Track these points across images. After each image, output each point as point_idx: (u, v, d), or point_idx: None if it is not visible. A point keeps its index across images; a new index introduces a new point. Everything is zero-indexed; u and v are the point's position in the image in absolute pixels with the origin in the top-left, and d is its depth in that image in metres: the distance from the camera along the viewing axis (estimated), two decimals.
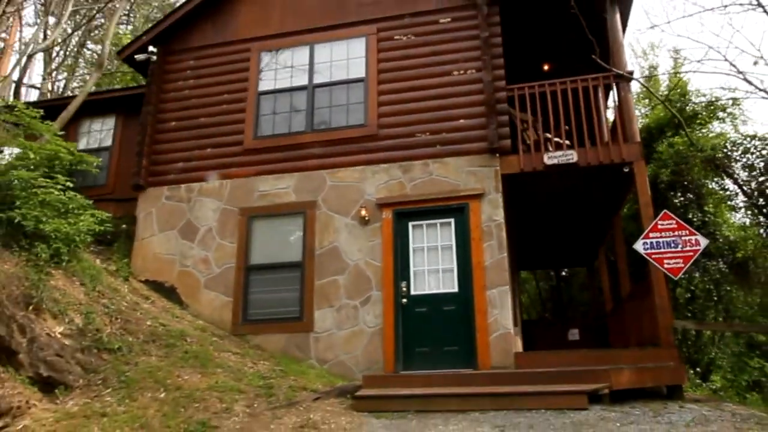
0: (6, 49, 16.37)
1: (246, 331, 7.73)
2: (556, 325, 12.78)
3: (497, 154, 7.68)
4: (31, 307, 5.55)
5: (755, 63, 8.02)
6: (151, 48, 9.35)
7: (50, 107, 9.85)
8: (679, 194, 11.05)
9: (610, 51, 7.97)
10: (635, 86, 14.03)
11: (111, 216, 7.79)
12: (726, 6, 9.16)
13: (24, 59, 13.78)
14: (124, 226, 8.98)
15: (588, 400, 5.37)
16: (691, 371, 11.09)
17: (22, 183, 6.08)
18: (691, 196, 11.11)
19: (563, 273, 15.94)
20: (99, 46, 18.34)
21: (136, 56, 9.42)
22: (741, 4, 8.17)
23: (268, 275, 8.04)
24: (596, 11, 8.04)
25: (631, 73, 7.81)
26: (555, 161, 7.41)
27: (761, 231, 9.46)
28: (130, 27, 19.10)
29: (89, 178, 9.57)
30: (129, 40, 18.33)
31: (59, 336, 5.61)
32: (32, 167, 6.33)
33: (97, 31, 17.91)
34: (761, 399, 10.30)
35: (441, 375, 6.35)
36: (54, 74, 18.29)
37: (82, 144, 10.74)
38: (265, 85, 8.96)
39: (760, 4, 8.27)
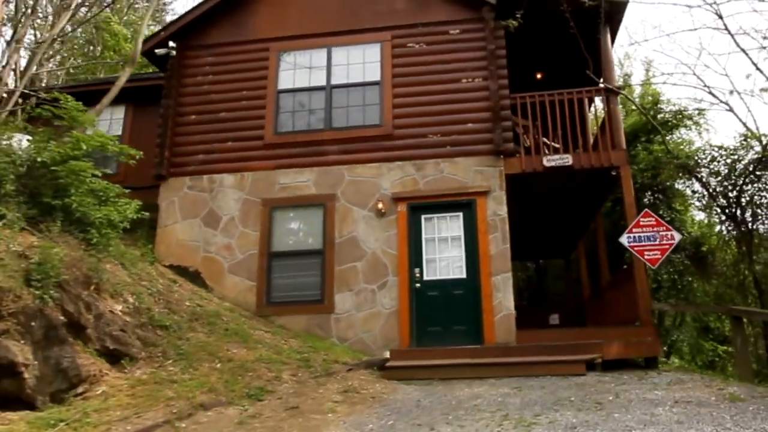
0: None
1: (270, 313, 8.41)
2: (537, 310, 13.86)
3: (501, 156, 8.58)
4: (92, 287, 6.09)
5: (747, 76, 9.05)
6: (171, 43, 9.80)
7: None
8: (649, 194, 12.27)
9: (601, 67, 8.94)
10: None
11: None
12: (696, 29, 10.20)
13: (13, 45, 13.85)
14: (146, 213, 9.46)
15: (585, 368, 6.34)
16: None
17: (73, 173, 6.56)
18: (661, 196, 12.35)
19: (539, 264, 17.08)
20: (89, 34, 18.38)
21: (156, 51, 9.85)
22: (709, 27, 9.26)
23: (289, 261, 8.73)
24: (590, 31, 8.97)
25: (620, 88, 8.83)
26: (553, 164, 8.36)
27: (722, 228, 10.68)
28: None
29: (99, 166, 9.99)
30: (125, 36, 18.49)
31: (120, 313, 6.19)
32: (83, 158, 6.81)
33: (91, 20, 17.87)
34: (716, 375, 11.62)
35: (458, 349, 7.24)
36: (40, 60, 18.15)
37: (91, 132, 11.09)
38: (283, 84, 9.57)
39: (726, 27, 9.40)
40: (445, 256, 8.38)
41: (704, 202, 10.85)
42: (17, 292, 5.25)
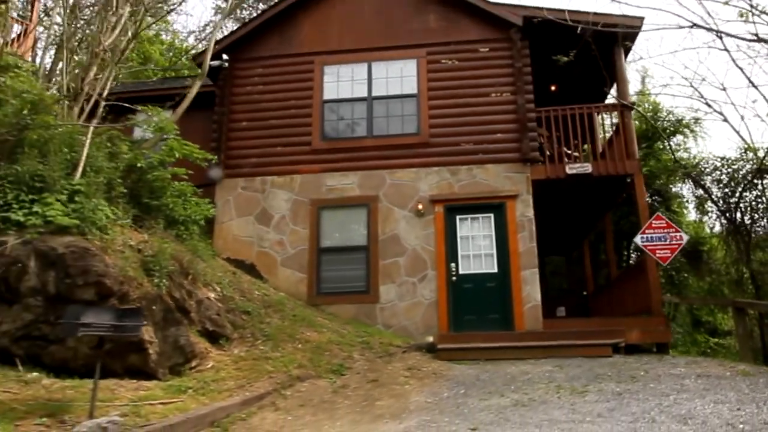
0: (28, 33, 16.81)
1: (320, 302, 9.35)
2: (544, 304, 14.93)
3: (528, 163, 9.61)
4: (190, 277, 7.01)
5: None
6: (224, 56, 10.65)
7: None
8: (647, 196, 13.43)
9: (617, 84, 10.01)
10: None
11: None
12: (696, 48, 11.35)
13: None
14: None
15: (612, 351, 7.41)
16: None
17: (166, 178, 7.46)
18: (659, 198, 13.53)
19: (543, 261, 18.21)
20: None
21: (210, 62, 10.67)
22: (709, 46, 10.38)
23: (337, 256, 9.69)
24: (606, 52, 10.01)
25: (633, 104, 9.89)
26: (574, 171, 9.42)
27: (722, 230, 11.87)
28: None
29: None
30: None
31: (213, 300, 7.11)
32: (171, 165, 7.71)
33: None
34: None
35: (498, 334, 8.29)
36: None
37: (138, 133, 11.91)
38: (328, 95, 10.48)
39: (719, 35, 10.50)
40: (477, 252, 9.40)
41: (705, 206, 12.02)
42: (139, 281, 6.17)
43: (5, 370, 5.57)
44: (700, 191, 11.67)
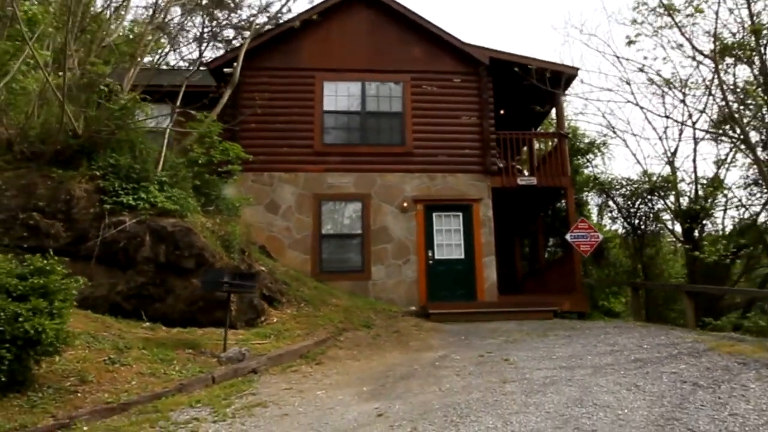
0: None
1: (322, 279, 11.40)
2: None
3: (489, 175, 12.26)
4: (246, 254, 8.87)
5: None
6: (235, 64, 12.27)
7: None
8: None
9: (556, 117, 12.95)
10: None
11: None
12: (610, 91, 14.63)
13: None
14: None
15: (553, 315, 10.24)
16: None
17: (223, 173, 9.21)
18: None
19: None
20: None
21: (224, 69, 12.27)
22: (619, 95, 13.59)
23: (336, 241, 11.78)
24: (549, 89, 12.88)
25: (568, 134, 12.88)
26: (524, 182, 12.22)
27: (623, 231, 15.37)
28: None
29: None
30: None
31: (265, 271, 9.01)
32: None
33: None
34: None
35: (471, 303, 10.87)
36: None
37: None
38: (327, 106, 12.49)
39: (632, 93, 13.80)
40: (449, 242, 11.92)
41: (612, 213, 15.49)
42: (221, 254, 8.00)
43: (121, 320, 7.21)
44: (610, 202, 15.08)
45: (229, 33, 25.65)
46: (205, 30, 25.31)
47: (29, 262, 4.51)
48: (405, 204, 11.95)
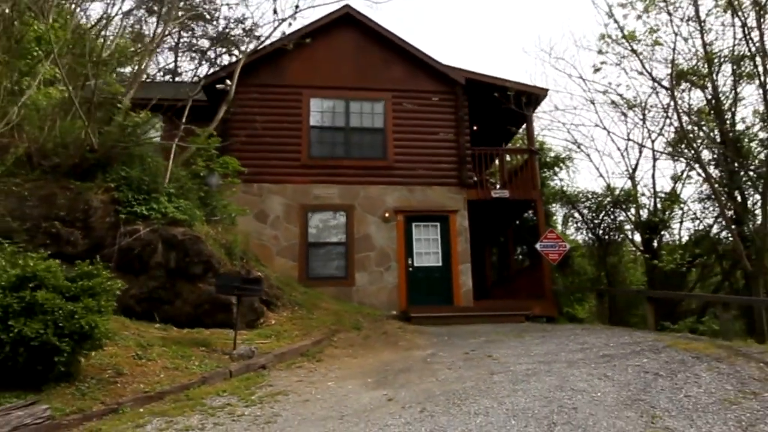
0: None
1: (309, 285, 12.00)
2: None
3: (465, 188, 13.15)
4: (244, 260, 9.43)
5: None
6: (227, 81, 12.81)
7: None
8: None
9: (527, 134, 13.97)
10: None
11: None
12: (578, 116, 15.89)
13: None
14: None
15: (525, 319, 11.13)
16: None
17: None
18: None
19: None
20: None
21: (216, 85, 12.77)
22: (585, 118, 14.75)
23: (321, 249, 12.42)
24: (521, 111, 13.92)
25: (538, 150, 13.91)
26: (497, 195, 13.16)
27: (588, 241, 16.53)
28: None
29: None
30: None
31: (262, 276, 9.57)
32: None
33: None
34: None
35: (449, 307, 11.66)
36: None
37: None
38: (314, 122, 13.16)
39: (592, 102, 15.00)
40: (427, 250, 12.72)
41: (578, 224, 16.65)
42: (224, 261, 8.57)
43: (135, 321, 7.67)
44: (576, 213, 16.23)
45: (204, 43, 26.12)
46: (181, 41, 25.79)
47: (78, 267, 5.03)
48: (387, 214, 12.69)
